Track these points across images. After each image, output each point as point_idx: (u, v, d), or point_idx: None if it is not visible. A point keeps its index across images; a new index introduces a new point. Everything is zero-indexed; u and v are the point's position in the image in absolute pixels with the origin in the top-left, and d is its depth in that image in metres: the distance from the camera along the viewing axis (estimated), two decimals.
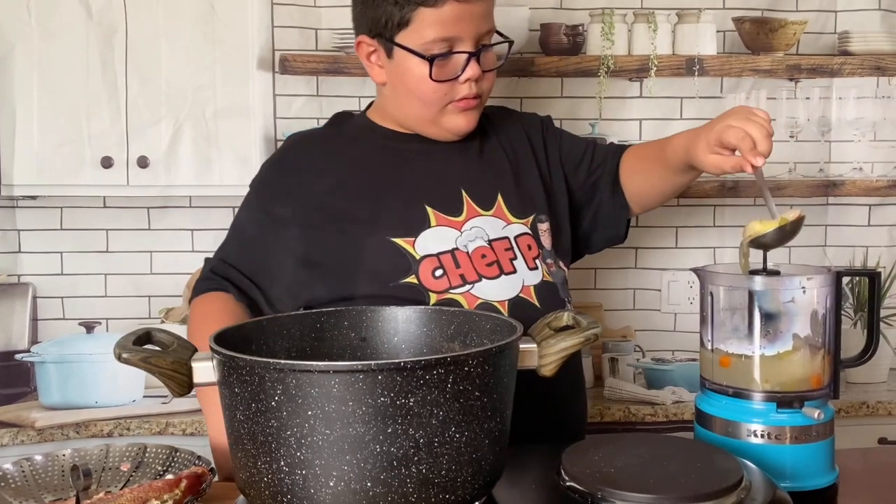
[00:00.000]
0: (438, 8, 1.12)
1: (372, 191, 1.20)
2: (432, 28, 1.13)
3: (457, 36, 1.14)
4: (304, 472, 0.72)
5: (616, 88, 1.64)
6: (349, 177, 1.21)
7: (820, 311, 0.94)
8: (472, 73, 1.15)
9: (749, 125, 1.01)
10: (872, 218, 1.68)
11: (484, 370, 0.74)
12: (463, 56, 1.15)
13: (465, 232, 1.17)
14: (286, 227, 1.19)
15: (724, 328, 0.96)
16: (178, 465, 0.94)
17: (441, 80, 1.15)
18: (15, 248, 1.58)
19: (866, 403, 1.66)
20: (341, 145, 1.26)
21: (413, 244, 1.14)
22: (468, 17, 1.13)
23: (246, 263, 1.23)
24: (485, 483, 0.78)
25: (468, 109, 1.19)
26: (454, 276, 1.13)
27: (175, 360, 0.81)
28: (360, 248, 1.15)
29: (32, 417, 1.58)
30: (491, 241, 1.17)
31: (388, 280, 1.13)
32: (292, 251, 1.19)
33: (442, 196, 1.19)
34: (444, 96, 1.17)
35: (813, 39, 1.65)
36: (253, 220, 1.25)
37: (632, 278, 1.69)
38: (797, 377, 0.94)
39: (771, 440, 0.92)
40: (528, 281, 1.17)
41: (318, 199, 1.20)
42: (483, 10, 1.16)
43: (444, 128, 1.21)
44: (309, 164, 1.24)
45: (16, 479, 0.92)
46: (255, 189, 1.27)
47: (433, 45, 1.14)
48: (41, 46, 1.55)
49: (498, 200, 1.21)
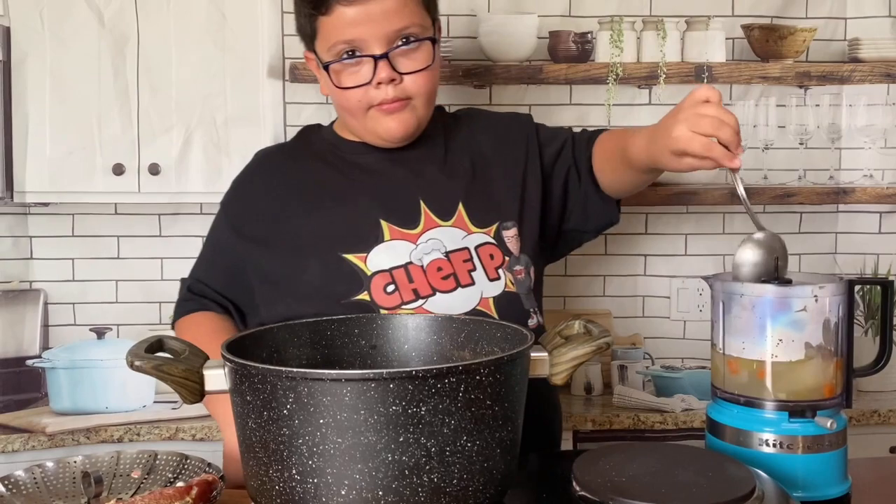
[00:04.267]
0: (329, 15, 1.11)
1: (328, 206, 1.18)
2: (332, 35, 1.12)
3: (358, 39, 1.11)
4: (315, 481, 0.72)
5: (625, 96, 1.64)
6: (306, 192, 1.21)
7: (832, 320, 0.94)
8: (381, 76, 1.12)
9: (708, 126, 0.94)
10: (883, 225, 1.67)
11: (495, 379, 0.74)
12: (370, 60, 1.12)
13: (421, 245, 1.14)
14: (253, 245, 1.20)
15: (736, 337, 0.96)
16: (189, 473, 0.94)
17: (349, 86, 1.13)
18: (27, 255, 1.59)
19: (878, 412, 1.66)
20: (304, 161, 1.25)
21: (365, 260, 1.13)
22: (365, 19, 1.10)
23: (220, 283, 1.24)
24: (496, 492, 0.77)
25: (395, 112, 1.15)
26: (406, 291, 1.11)
27: (187, 367, 0.81)
28: (313, 265, 1.14)
29: (43, 423, 1.59)
30: (448, 253, 1.14)
31: (339, 297, 1.10)
32: (257, 270, 1.19)
33: (398, 208, 1.16)
34: (358, 102, 1.15)
35: (823, 46, 1.65)
36: (223, 239, 1.25)
37: (641, 286, 1.69)
38: (809, 386, 0.93)
39: (783, 449, 0.92)
40: (487, 293, 1.14)
41: (277, 216, 1.19)
42: (385, 9, 1.11)
43: (377, 134, 1.18)
44: (271, 182, 1.23)
45: (27, 486, 0.93)
46: (223, 207, 1.28)
47: (338, 52, 1.13)
48: (53, 54, 1.56)
49: (458, 210, 1.18)
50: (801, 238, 1.66)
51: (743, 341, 0.95)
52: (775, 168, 1.67)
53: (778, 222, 1.67)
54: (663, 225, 1.68)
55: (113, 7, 1.55)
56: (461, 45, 1.62)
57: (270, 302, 1.17)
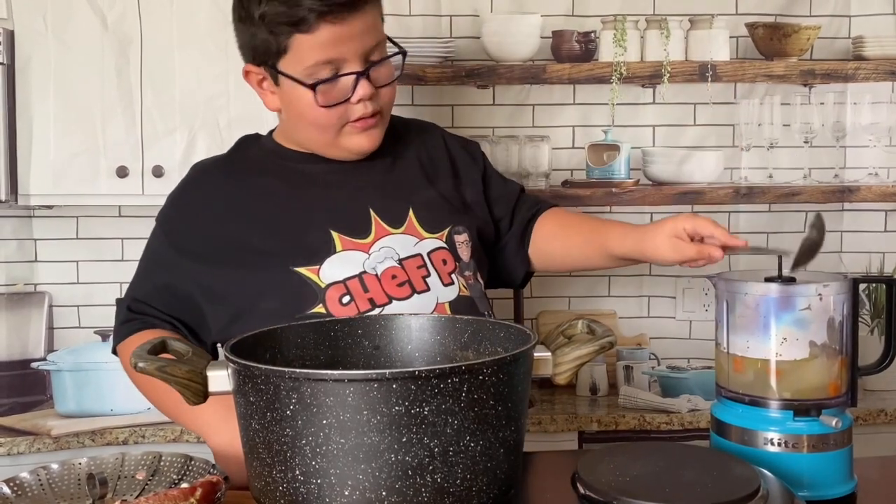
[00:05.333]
0: (313, 33, 1.07)
1: (275, 219, 1.15)
2: (311, 53, 1.08)
3: (340, 58, 1.09)
4: (319, 481, 0.72)
5: (629, 95, 1.64)
6: (251, 206, 1.16)
7: (837, 319, 0.93)
8: (363, 92, 1.10)
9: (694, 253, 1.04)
10: (889, 224, 1.67)
11: (499, 379, 0.74)
12: (351, 77, 1.10)
13: (374, 253, 1.12)
14: (197, 263, 1.15)
15: (740, 336, 0.95)
16: (193, 474, 0.94)
17: (330, 104, 1.11)
18: (31, 258, 1.60)
19: (884, 411, 1.65)
20: (244, 173, 1.21)
21: (318, 272, 1.10)
22: (348, 37, 1.08)
23: (163, 302, 1.17)
24: (500, 492, 0.77)
25: (368, 129, 1.14)
26: (362, 300, 1.08)
27: (190, 369, 0.81)
28: (263, 280, 1.10)
29: (49, 425, 1.59)
30: (402, 260, 1.12)
31: (294, 312, 1.07)
32: (203, 289, 1.14)
33: (348, 218, 1.14)
34: (338, 119, 1.12)
35: (827, 44, 1.65)
36: (163, 256, 1.19)
37: (646, 285, 1.69)
38: (814, 385, 0.93)
39: (788, 448, 0.91)
40: (442, 297, 1.13)
41: (220, 231, 1.15)
42: (364, 25, 1.09)
43: (345, 149, 1.16)
44: (210, 196, 1.19)
45: (33, 488, 0.93)
46: (160, 223, 1.21)
47: (317, 70, 1.09)
48: (57, 57, 1.56)
49: (409, 216, 1.16)
50: None
51: (747, 340, 0.94)
52: (780, 167, 1.66)
53: (783, 221, 1.67)
54: None
55: (116, 10, 1.56)
56: (464, 46, 1.62)
57: (222, 321, 1.13)
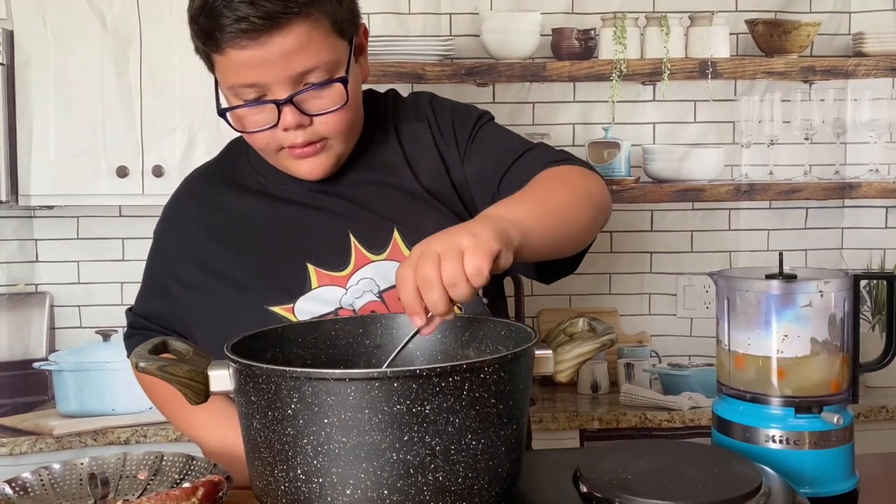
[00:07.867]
0: (224, 55, 0.94)
1: (253, 249, 1.06)
2: (228, 75, 0.97)
3: (259, 82, 0.95)
4: (320, 480, 0.72)
5: (629, 92, 1.64)
6: (232, 231, 1.08)
7: (838, 315, 0.93)
8: (288, 121, 0.96)
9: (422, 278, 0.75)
10: (889, 220, 1.67)
11: (500, 377, 0.74)
12: (275, 105, 0.96)
13: (352, 288, 1.03)
14: (185, 288, 1.11)
15: (741, 333, 0.95)
16: (195, 473, 0.94)
17: (251, 130, 0.99)
18: (32, 258, 1.60)
19: (886, 408, 1.65)
20: (229, 191, 1.11)
21: (292, 310, 1.02)
22: (261, 63, 0.93)
23: (158, 318, 1.15)
24: (501, 490, 0.77)
25: (307, 157, 1.01)
26: None
27: (191, 368, 0.81)
28: (236, 316, 1.03)
29: (50, 425, 1.59)
30: (382, 293, 1.02)
31: None
32: (190, 314, 1.10)
33: (326, 247, 1.04)
34: (268, 144, 1.01)
35: (827, 41, 1.65)
36: (155, 278, 1.16)
37: (647, 283, 1.69)
38: (815, 382, 0.93)
39: (789, 445, 0.91)
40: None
41: (203, 255, 1.09)
42: (287, 48, 0.93)
43: (293, 172, 1.04)
44: (195, 213, 1.12)
45: (35, 488, 0.93)
46: (154, 239, 1.17)
47: (242, 91, 0.97)
48: (57, 58, 1.56)
49: (393, 238, 1.04)
50: (807, 233, 1.66)
51: (748, 337, 0.94)
52: (781, 164, 1.66)
53: (784, 218, 1.67)
54: (669, 222, 1.67)
55: (115, 10, 1.56)
56: (464, 44, 1.62)
57: (198, 342, 1.05)
